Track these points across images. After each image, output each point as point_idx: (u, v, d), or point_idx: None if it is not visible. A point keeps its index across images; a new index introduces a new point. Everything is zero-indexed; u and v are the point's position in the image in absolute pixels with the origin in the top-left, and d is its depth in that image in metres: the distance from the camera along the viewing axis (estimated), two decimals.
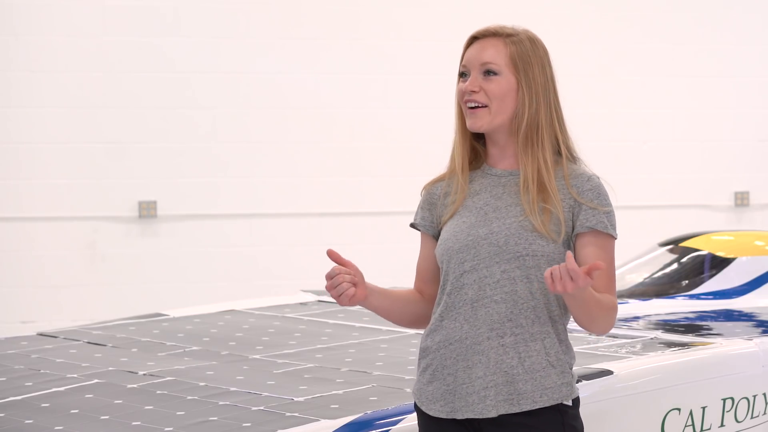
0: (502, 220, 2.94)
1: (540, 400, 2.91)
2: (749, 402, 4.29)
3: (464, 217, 2.99)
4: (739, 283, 5.63)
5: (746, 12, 9.78)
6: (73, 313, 8.55)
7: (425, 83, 9.17)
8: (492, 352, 2.91)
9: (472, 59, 3.04)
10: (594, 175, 2.99)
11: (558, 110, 3.01)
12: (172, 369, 4.26)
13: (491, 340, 2.91)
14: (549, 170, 2.95)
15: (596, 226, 2.93)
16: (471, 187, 3.03)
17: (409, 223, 3.17)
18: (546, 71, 3.00)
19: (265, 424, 3.49)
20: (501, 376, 2.90)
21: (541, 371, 2.91)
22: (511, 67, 2.98)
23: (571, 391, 2.95)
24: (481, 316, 2.93)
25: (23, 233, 8.66)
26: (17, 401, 3.87)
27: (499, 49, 2.99)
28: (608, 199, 2.98)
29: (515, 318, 2.92)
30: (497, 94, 2.97)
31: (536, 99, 2.96)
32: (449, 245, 2.98)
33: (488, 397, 2.90)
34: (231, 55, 8.87)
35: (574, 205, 2.95)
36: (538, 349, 2.91)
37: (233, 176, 8.92)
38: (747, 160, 9.84)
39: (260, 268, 8.94)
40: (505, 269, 2.91)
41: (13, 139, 8.60)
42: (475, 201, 3.00)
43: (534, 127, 2.96)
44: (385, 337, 4.83)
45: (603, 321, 2.90)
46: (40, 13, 8.58)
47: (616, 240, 2.99)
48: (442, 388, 2.96)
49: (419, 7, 9.20)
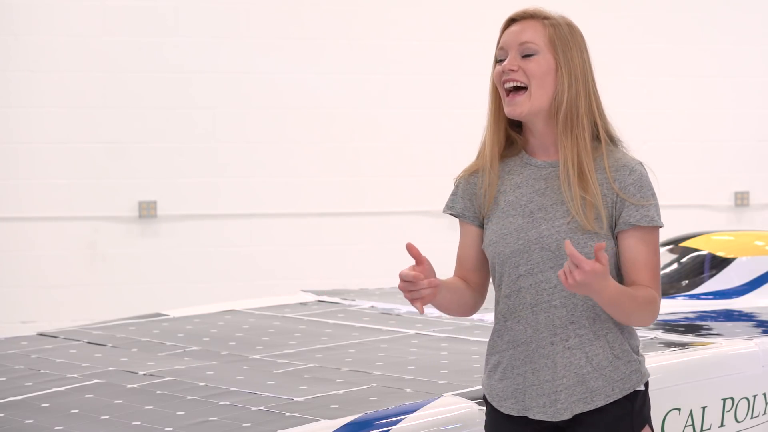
0: (550, 221, 2.92)
1: (613, 393, 2.93)
2: (749, 402, 4.29)
3: (510, 216, 2.96)
4: (739, 283, 5.63)
5: (746, 12, 9.78)
6: (73, 313, 8.55)
7: (425, 83, 9.18)
8: (558, 357, 2.92)
9: (510, 40, 2.96)
10: (636, 166, 2.96)
11: (596, 96, 2.98)
12: (172, 369, 4.26)
13: (555, 344, 2.93)
14: (589, 155, 2.92)
15: (640, 221, 2.91)
16: (511, 178, 3.00)
17: (444, 210, 3.10)
18: (584, 56, 2.97)
19: (265, 424, 3.49)
20: (571, 378, 2.92)
21: (608, 366, 2.92)
22: (550, 47, 2.94)
23: (641, 377, 2.97)
24: (542, 320, 2.93)
25: (23, 233, 8.66)
26: (17, 401, 3.87)
27: (538, 30, 2.95)
28: (651, 190, 2.95)
29: (577, 320, 2.92)
30: (537, 74, 2.92)
31: (575, 81, 2.93)
32: (500, 249, 2.96)
33: (559, 401, 2.93)
34: (231, 55, 8.87)
35: (616, 200, 2.92)
36: (603, 345, 2.92)
37: (233, 176, 8.92)
38: (747, 160, 9.84)
39: (260, 268, 8.94)
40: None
41: (13, 139, 8.60)
42: (518, 197, 2.97)
43: (574, 110, 2.92)
44: (385, 337, 4.83)
45: (639, 315, 2.88)
46: (40, 13, 8.58)
47: (661, 228, 2.97)
48: (512, 386, 2.98)
49: (419, 7, 9.20)
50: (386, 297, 5.90)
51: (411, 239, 3.84)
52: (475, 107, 9.24)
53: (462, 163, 3.18)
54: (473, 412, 3.62)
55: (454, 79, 9.22)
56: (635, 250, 2.91)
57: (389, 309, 5.51)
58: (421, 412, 3.57)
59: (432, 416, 3.61)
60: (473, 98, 9.21)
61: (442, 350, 4.56)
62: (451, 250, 3.17)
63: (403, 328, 5.05)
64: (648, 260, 2.91)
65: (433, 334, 4.89)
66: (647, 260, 2.91)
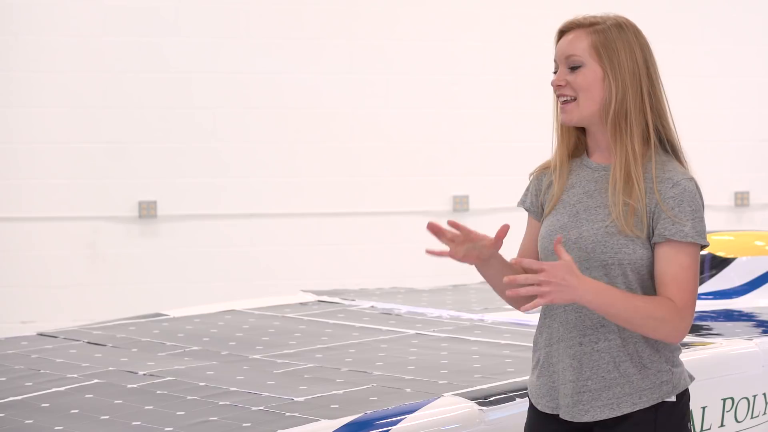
0: (591, 223, 2.95)
1: (639, 402, 2.92)
2: (749, 402, 4.29)
3: (559, 214, 3.01)
4: (739, 283, 5.63)
5: (746, 12, 9.78)
6: (73, 313, 8.55)
7: (425, 83, 9.18)
8: (585, 358, 2.93)
9: (559, 53, 3.02)
10: (682, 180, 2.94)
11: (652, 96, 2.99)
12: (172, 369, 4.27)
13: (584, 345, 2.94)
14: (637, 160, 2.93)
15: (673, 236, 2.90)
16: (569, 179, 3.04)
17: (518, 204, 3.17)
18: (635, 55, 2.98)
19: (265, 424, 3.49)
20: (597, 382, 2.93)
21: (636, 374, 2.92)
22: (595, 56, 2.96)
23: (671, 389, 2.95)
24: (572, 320, 2.96)
25: (23, 233, 8.66)
26: (17, 401, 3.87)
27: (582, 40, 2.98)
28: (693, 206, 2.93)
29: (607, 324, 2.92)
30: (583, 86, 2.96)
31: (623, 86, 2.95)
32: (545, 244, 3.00)
33: (581, 401, 2.94)
34: (231, 55, 8.87)
35: (656, 210, 2.92)
36: (631, 352, 2.92)
37: (233, 176, 8.92)
38: (747, 160, 9.84)
39: (260, 268, 8.94)
40: (594, 276, 2.92)
41: (13, 139, 8.60)
42: (570, 196, 3.02)
43: (623, 115, 2.95)
44: (385, 337, 4.83)
45: (648, 327, 2.84)
46: (40, 13, 8.58)
47: (704, 247, 2.96)
48: (548, 384, 3.01)
49: (419, 7, 9.20)
50: (386, 297, 5.90)
51: (411, 239, 3.84)
52: (475, 107, 9.28)
53: (461, 163, 3.19)
54: (473, 412, 3.63)
55: (454, 79, 9.22)
56: (665, 264, 2.90)
57: (389, 309, 5.52)
58: (421, 412, 3.57)
59: (432, 416, 3.61)
60: (473, 98, 9.24)
61: (442, 350, 4.56)
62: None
63: (403, 328, 5.05)
64: (676, 275, 2.88)
65: (433, 334, 4.89)
66: (675, 275, 2.88)
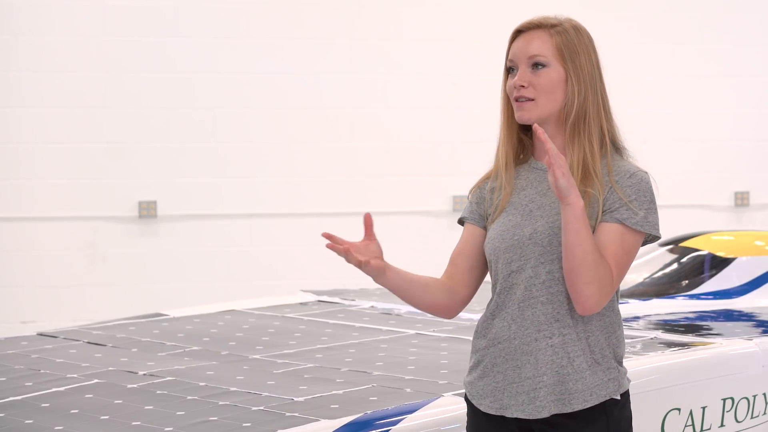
0: (546, 218, 2.93)
1: (590, 399, 2.91)
2: (749, 402, 4.29)
3: (510, 215, 2.98)
4: (739, 283, 5.63)
5: (746, 12, 9.78)
6: (73, 313, 8.55)
7: (425, 83, 9.18)
8: (540, 353, 2.92)
9: (519, 53, 2.99)
10: (638, 172, 2.95)
11: (604, 98, 3.00)
12: (172, 369, 4.27)
13: (539, 341, 2.92)
14: (595, 158, 2.94)
15: (626, 221, 2.89)
16: (517, 182, 3.02)
17: (458, 220, 3.15)
18: (592, 59, 2.99)
19: (265, 424, 3.49)
20: (552, 377, 2.91)
21: (587, 370, 2.91)
22: (559, 57, 2.96)
23: (618, 386, 2.95)
24: (528, 316, 2.93)
25: (23, 233, 8.66)
26: (17, 401, 3.87)
27: (545, 41, 2.97)
28: (648, 197, 2.93)
29: (562, 318, 2.92)
30: (546, 87, 2.95)
31: (584, 88, 2.95)
32: (496, 245, 2.97)
33: (538, 398, 2.92)
34: (231, 55, 8.87)
35: (610, 196, 2.91)
36: (584, 347, 2.92)
37: (233, 176, 8.92)
38: (747, 160, 9.84)
39: (261, 268, 8.94)
40: (550, 270, 2.91)
41: (13, 139, 8.60)
42: (521, 197, 3.00)
43: (582, 117, 2.95)
44: (385, 337, 4.83)
45: (591, 271, 2.81)
46: (40, 13, 8.58)
47: (657, 239, 2.94)
48: (491, 384, 2.97)
49: (419, 7, 9.20)
50: (386, 297, 5.90)
51: (411, 239, 3.84)
52: (475, 107, 9.28)
53: (461, 163, 3.19)
54: None
55: (454, 79, 9.23)
56: (608, 240, 2.88)
57: (389, 309, 5.51)
58: (421, 412, 3.57)
59: (432, 416, 3.61)
60: (473, 98, 9.24)
61: (442, 350, 4.56)
62: (451, 250, 3.17)
63: (403, 328, 5.05)
64: (616, 254, 2.88)
65: (433, 334, 4.89)
66: (615, 254, 2.87)
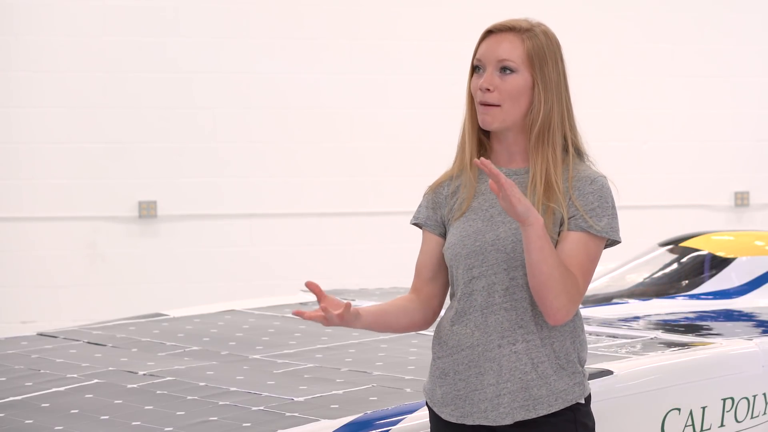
0: (507, 224, 2.90)
1: (555, 403, 2.89)
2: (749, 402, 4.29)
3: (471, 220, 2.94)
4: (739, 283, 5.63)
5: (746, 12, 9.78)
6: (73, 313, 8.55)
7: (425, 83, 9.18)
8: (504, 360, 2.88)
9: (488, 54, 2.93)
10: (599, 178, 2.92)
11: (569, 106, 2.94)
12: (172, 369, 4.27)
13: (503, 347, 2.89)
14: (558, 166, 2.89)
15: (590, 228, 2.87)
16: (477, 186, 2.98)
17: (411, 221, 3.12)
18: (559, 66, 2.93)
19: (265, 424, 3.49)
20: (515, 383, 2.88)
21: (553, 375, 2.89)
22: (528, 64, 2.90)
23: (583, 391, 2.94)
24: (492, 323, 2.90)
25: (23, 233, 8.67)
26: (17, 401, 3.87)
27: (516, 45, 2.92)
28: (609, 203, 2.90)
29: (525, 325, 2.88)
30: (512, 93, 2.89)
31: (551, 96, 2.90)
32: (457, 250, 2.94)
33: (502, 405, 2.89)
34: (231, 55, 8.87)
35: (570, 205, 2.88)
36: (549, 353, 2.89)
37: (233, 176, 8.93)
38: (747, 160, 9.84)
39: (261, 268, 8.94)
40: (513, 276, 2.88)
41: (13, 139, 8.60)
42: (481, 202, 2.96)
43: (546, 126, 2.90)
44: (385, 337, 4.83)
45: (558, 283, 2.77)
46: (40, 13, 8.58)
47: (616, 243, 2.93)
48: (452, 392, 2.94)
49: (419, 7, 9.20)
50: (386, 297, 5.90)
51: (411, 239, 3.85)
52: None
53: None
54: None
55: (454, 79, 9.20)
56: (573, 249, 2.85)
57: None
58: (421, 412, 3.56)
59: None
60: None
61: None
62: None
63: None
64: (582, 263, 2.85)
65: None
66: (581, 263, 2.85)
